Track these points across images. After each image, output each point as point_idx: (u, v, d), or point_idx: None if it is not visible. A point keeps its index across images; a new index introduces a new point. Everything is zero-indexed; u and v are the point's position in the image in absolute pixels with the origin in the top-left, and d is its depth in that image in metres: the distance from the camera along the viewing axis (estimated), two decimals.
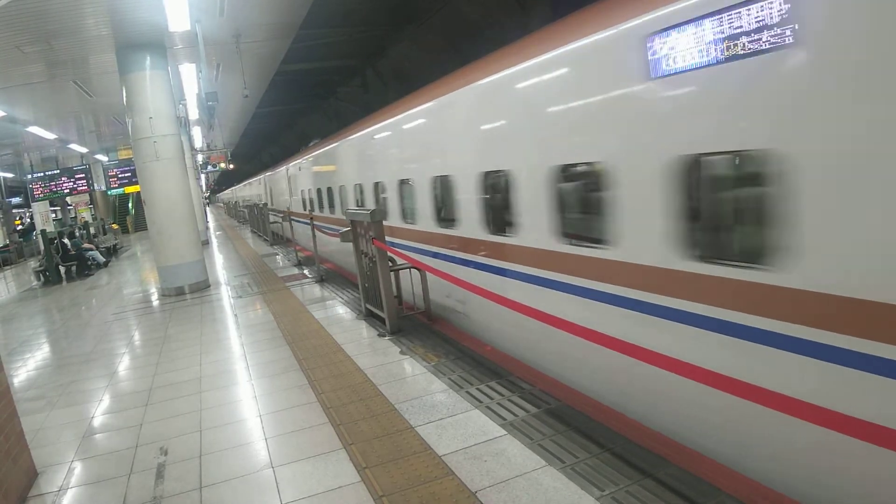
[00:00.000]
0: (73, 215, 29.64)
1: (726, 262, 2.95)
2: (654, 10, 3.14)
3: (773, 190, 2.65)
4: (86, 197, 26.11)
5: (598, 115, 3.75)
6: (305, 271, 10.68)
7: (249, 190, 33.15)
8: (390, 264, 5.90)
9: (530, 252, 4.67)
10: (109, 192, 23.84)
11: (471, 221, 5.58)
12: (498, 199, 5.16)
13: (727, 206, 3.22)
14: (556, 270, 4.34)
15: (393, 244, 7.08)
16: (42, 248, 14.86)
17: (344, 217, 8.64)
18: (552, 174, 4.24)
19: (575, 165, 4.11)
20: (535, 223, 4.53)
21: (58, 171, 20.92)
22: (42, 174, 20.72)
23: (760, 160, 2.71)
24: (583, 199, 4.20)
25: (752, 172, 2.82)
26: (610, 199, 3.67)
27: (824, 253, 2.50)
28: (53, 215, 29.46)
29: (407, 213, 7.25)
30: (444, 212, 6.28)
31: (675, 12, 2.99)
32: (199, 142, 22.83)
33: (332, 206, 11.50)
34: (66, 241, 14.57)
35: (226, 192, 60.34)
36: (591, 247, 3.93)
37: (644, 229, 3.43)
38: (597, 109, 3.76)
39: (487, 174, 5.19)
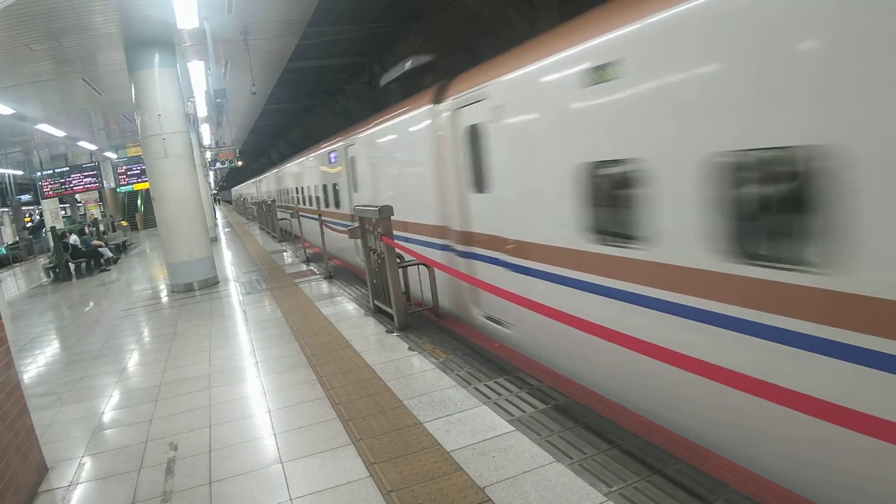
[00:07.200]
0: (82, 212, 29.85)
1: None
2: None
3: None
4: (95, 194, 26.27)
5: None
6: (313, 267, 10.71)
7: (260, 188, 32.77)
8: (398, 261, 5.90)
9: None
10: (119, 190, 23.98)
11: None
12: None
13: None
14: None
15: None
16: (52, 244, 14.97)
17: None
18: None
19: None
20: None
21: (67, 169, 21.05)
22: (51, 171, 20.85)
23: None
24: None
25: None
26: None
27: None
28: (63, 212, 29.67)
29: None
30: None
31: None
32: (207, 139, 22.92)
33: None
34: (68, 240, 14.63)
35: (236, 187, 59.95)
36: None
37: None
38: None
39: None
